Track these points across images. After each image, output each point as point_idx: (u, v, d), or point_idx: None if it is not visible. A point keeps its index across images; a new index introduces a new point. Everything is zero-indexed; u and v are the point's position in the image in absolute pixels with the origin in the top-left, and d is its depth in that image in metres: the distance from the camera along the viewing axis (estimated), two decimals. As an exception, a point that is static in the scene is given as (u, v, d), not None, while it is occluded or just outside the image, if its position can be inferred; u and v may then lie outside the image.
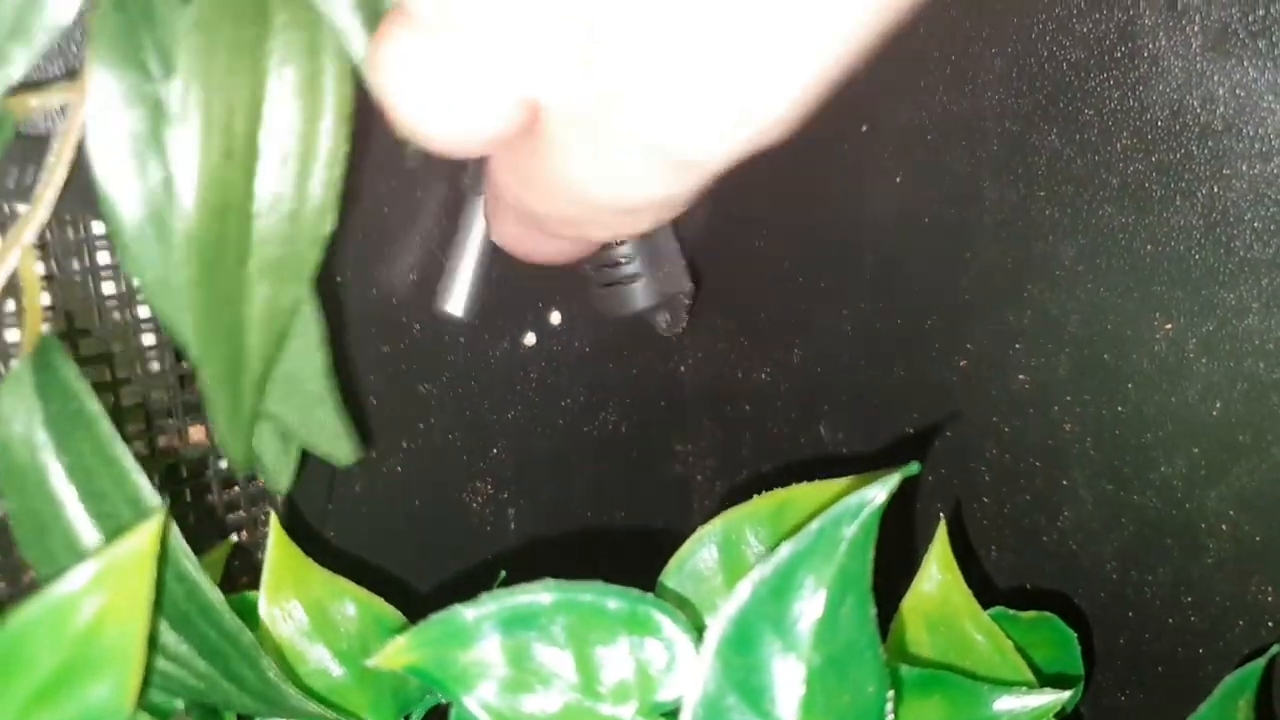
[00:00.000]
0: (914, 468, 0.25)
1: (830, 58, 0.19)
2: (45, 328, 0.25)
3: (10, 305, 0.29)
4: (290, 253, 0.24)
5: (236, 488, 0.36)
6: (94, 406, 0.25)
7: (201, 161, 0.22)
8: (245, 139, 0.23)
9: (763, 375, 0.47)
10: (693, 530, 0.30)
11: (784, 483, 0.31)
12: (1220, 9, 0.30)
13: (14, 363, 0.28)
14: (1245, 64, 0.30)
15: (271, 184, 0.23)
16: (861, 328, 0.42)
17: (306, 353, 0.25)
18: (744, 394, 0.48)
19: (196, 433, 0.35)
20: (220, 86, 0.22)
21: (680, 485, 0.50)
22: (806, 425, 0.45)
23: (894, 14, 0.19)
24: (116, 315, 0.32)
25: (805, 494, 0.30)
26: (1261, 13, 0.29)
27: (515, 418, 0.43)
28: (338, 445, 0.27)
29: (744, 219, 0.45)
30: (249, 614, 0.29)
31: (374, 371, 0.39)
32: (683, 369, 0.49)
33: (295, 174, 0.23)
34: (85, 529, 0.25)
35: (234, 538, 0.36)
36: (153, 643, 0.25)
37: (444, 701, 0.30)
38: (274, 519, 0.30)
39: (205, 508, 0.35)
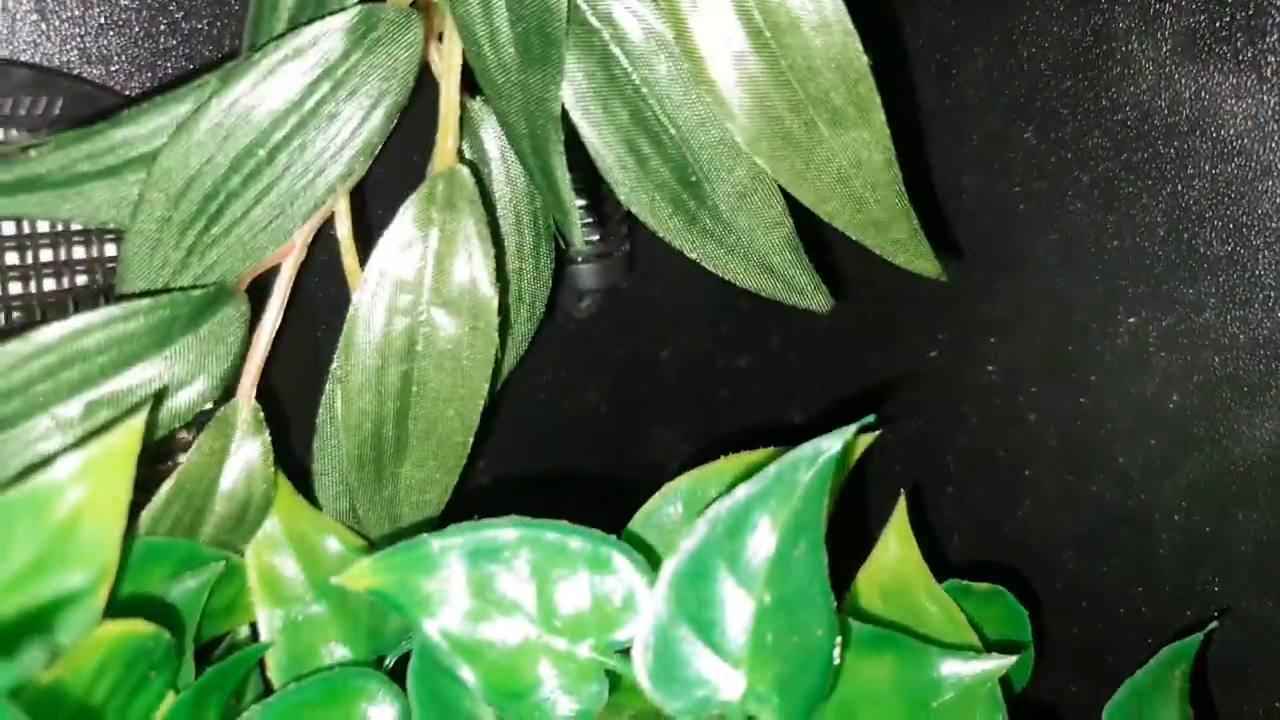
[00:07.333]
0: (869, 419, 0.26)
1: None
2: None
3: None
4: None
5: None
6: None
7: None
8: None
9: (741, 362, 0.48)
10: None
11: (752, 453, 0.32)
12: (1189, 15, 0.31)
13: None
14: (1211, 68, 0.31)
15: None
16: (836, 316, 0.43)
17: None
18: (723, 381, 0.49)
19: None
20: None
21: (655, 472, 0.51)
22: (781, 412, 0.46)
23: None
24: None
25: (770, 458, 0.31)
26: (1228, 19, 0.31)
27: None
28: None
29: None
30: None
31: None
32: (664, 354, 0.50)
33: None
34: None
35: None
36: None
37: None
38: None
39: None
